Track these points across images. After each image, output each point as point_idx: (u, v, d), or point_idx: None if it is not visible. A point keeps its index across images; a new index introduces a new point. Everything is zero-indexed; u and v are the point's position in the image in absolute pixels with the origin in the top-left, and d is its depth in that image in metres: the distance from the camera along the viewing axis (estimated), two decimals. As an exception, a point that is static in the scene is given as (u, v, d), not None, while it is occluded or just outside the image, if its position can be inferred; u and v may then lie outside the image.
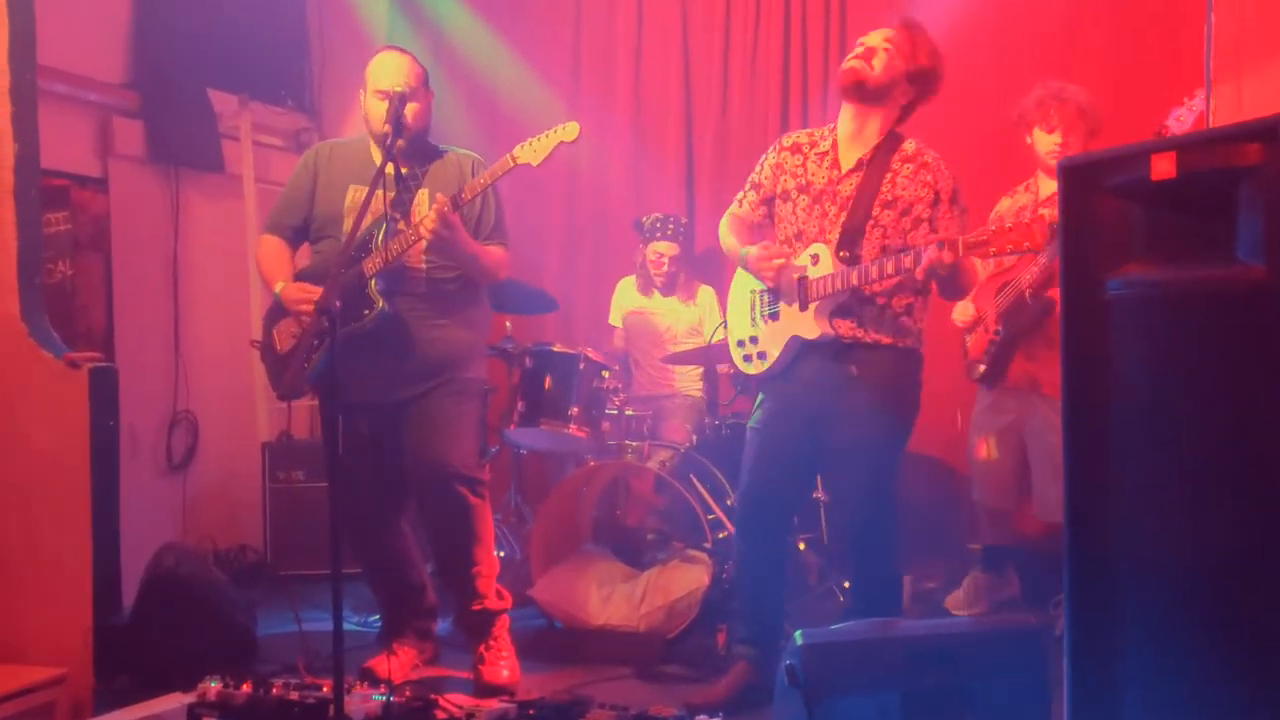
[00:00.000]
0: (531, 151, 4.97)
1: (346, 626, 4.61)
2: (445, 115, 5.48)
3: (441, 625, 5.83)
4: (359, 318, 5.05)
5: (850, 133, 4.91)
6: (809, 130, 5.17)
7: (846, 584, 6.20)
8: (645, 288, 7.57)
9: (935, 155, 4.85)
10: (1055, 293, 5.77)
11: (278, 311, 5.38)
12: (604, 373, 6.51)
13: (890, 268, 4.56)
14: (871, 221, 4.77)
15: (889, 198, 4.78)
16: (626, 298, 7.70)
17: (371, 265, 5.06)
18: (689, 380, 7.52)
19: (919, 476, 7.02)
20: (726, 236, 5.23)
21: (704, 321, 7.45)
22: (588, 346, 6.60)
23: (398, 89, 5.02)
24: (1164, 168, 2.71)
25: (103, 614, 4.83)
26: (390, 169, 4.74)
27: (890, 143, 4.87)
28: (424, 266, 5.21)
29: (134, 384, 6.17)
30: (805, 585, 6.64)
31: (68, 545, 4.72)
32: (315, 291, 5.05)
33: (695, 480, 6.35)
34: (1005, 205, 6.14)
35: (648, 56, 8.22)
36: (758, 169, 5.20)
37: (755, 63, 7.94)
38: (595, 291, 8.13)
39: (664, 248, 7.40)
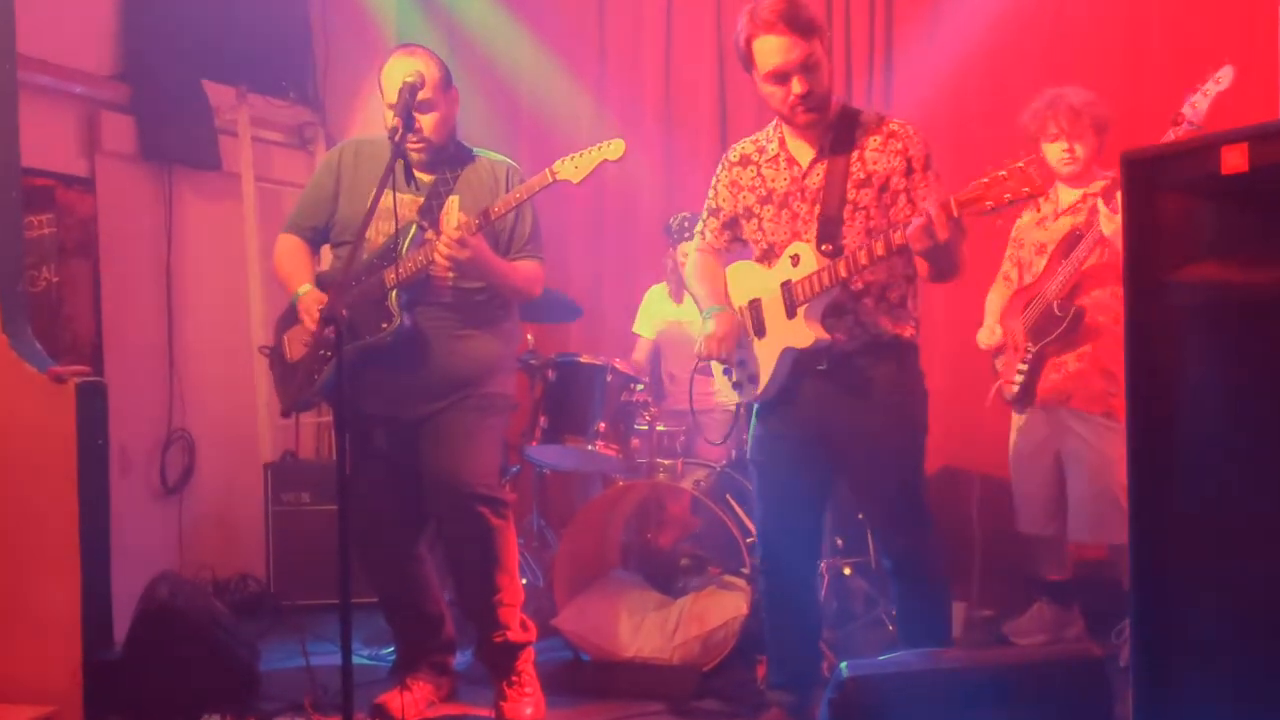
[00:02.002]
0: (573, 168, 4.99)
1: (356, 660, 4.62)
2: (460, 110, 5.49)
3: (460, 658, 5.86)
4: (376, 331, 5.09)
5: (797, 129, 4.86)
6: (752, 138, 5.12)
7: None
8: (677, 295, 7.57)
9: (902, 122, 4.79)
10: (1082, 301, 5.87)
11: (293, 316, 5.41)
12: (634, 385, 6.52)
13: (880, 248, 4.48)
14: (850, 206, 4.72)
15: (861, 176, 4.73)
16: (658, 307, 7.70)
17: (393, 275, 5.08)
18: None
19: (970, 497, 7.03)
20: (695, 282, 5.21)
21: None
22: (615, 357, 6.61)
23: (408, 79, 5.02)
24: (1235, 161, 2.70)
25: (92, 649, 4.87)
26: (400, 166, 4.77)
27: (847, 118, 4.83)
28: (450, 276, 5.22)
29: (125, 400, 6.19)
30: (851, 612, 6.64)
31: (54, 575, 4.75)
32: (314, 308, 5.11)
33: (732, 501, 6.35)
34: (1026, 219, 6.27)
35: (678, 45, 8.22)
36: (711, 192, 5.17)
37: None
38: (623, 298, 8.11)
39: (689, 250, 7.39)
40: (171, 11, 7.29)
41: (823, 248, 4.71)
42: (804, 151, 4.86)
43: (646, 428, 6.55)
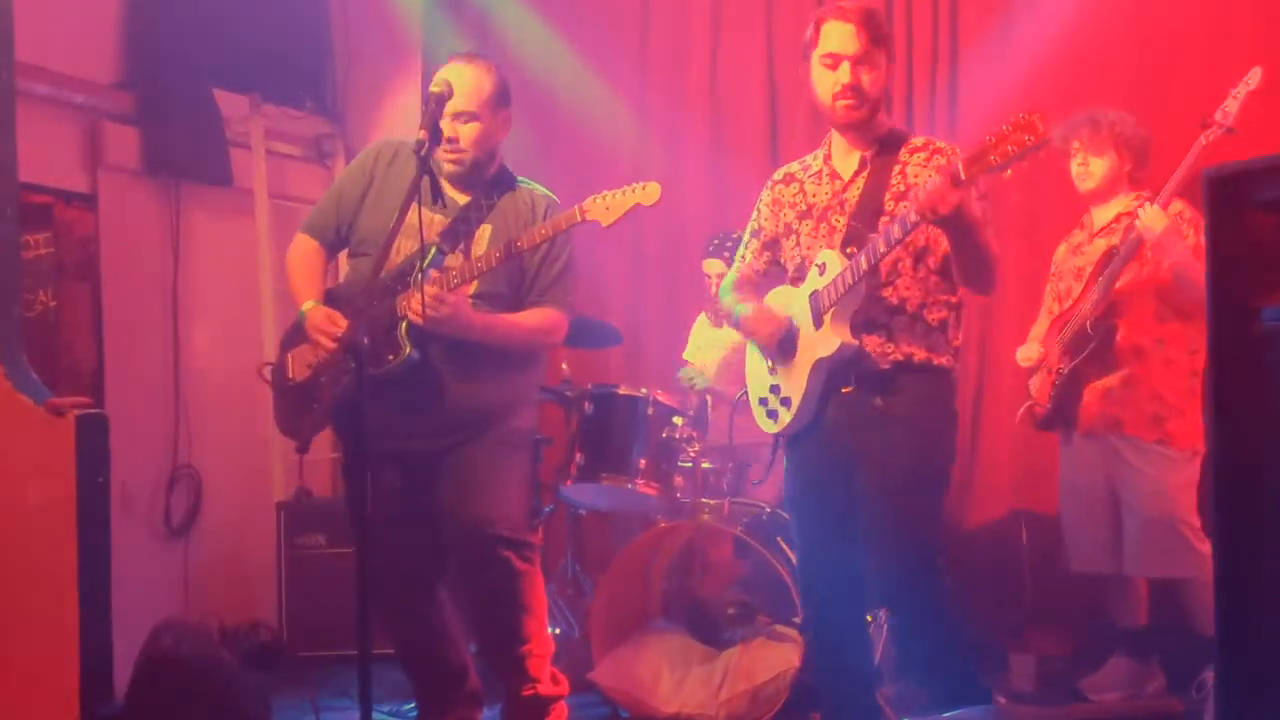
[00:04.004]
0: (603, 209, 5.00)
1: (375, 716, 4.63)
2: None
3: (488, 715, 5.85)
4: (381, 363, 5.06)
5: (844, 146, 5.02)
6: (800, 160, 5.27)
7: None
8: (716, 318, 7.59)
9: (949, 144, 4.92)
10: (1120, 321, 5.95)
11: (298, 334, 5.40)
12: (676, 419, 6.52)
13: (897, 231, 4.54)
14: (885, 217, 4.79)
15: (901, 188, 4.83)
16: (702, 335, 7.73)
17: (406, 304, 5.06)
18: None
19: (1031, 538, 7.01)
20: (726, 297, 5.34)
21: None
22: (658, 389, 6.61)
23: (435, 89, 5.02)
24: (1331, 176, 2.70)
25: (91, 702, 4.87)
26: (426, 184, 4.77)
27: (894, 138, 4.97)
28: (469, 305, 5.21)
29: (127, 433, 6.17)
30: (908, 665, 6.61)
31: (50, 622, 4.76)
32: (340, 323, 5.10)
33: (783, 544, 6.31)
34: (1062, 251, 6.46)
35: (725, 53, 8.23)
36: (754, 214, 5.32)
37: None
38: (666, 324, 8.12)
39: (711, 266, 7.43)
40: (179, 15, 7.30)
41: (847, 250, 4.78)
42: (847, 165, 4.99)
43: (690, 465, 6.57)
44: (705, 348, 7.68)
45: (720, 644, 6.52)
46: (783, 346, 5.02)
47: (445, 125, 5.17)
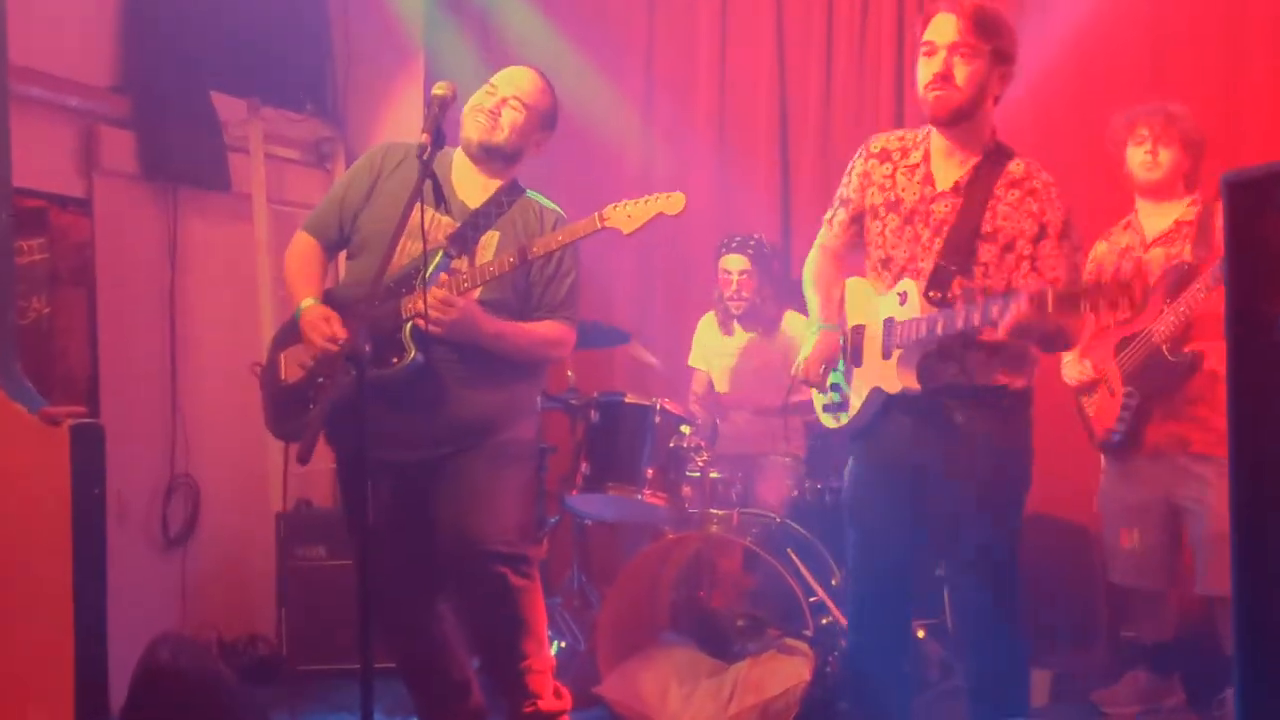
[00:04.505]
0: (625, 217, 5.01)
1: (376, 732, 4.63)
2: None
3: (490, 731, 5.85)
4: (386, 364, 5.06)
5: (945, 148, 4.95)
6: (900, 134, 5.21)
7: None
8: (726, 324, 7.60)
9: (1047, 179, 4.84)
10: (1199, 346, 5.86)
11: (293, 332, 5.38)
12: (684, 427, 6.51)
13: (976, 319, 4.55)
14: (973, 260, 4.80)
15: (989, 229, 4.80)
16: (707, 338, 7.74)
17: (412, 306, 5.06)
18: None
19: (1054, 547, 6.99)
20: (810, 288, 5.30)
21: (786, 359, 7.44)
22: (664, 396, 6.60)
23: (438, 92, 5.02)
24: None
25: (86, 717, 4.86)
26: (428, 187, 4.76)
27: (995, 161, 4.89)
28: (479, 309, 5.20)
29: (123, 443, 6.14)
30: (925, 680, 6.60)
31: (44, 636, 4.75)
32: (336, 324, 5.10)
33: (794, 555, 6.33)
34: (1102, 249, 6.33)
35: (734, 52, 8.24)
36: (845, 180, 5.26)
37: (863, 58, 7.96)
38: (672, 330, 8.14)
39: (733, 262, 7.46)
40: (176, 17, 7.28)
41: (929, 294, 4.77)
42: (943, 173, 4.93)
43: (699, 474, 6.56)
44: (712, 354, 7.67)
45: (729, 657, 6.49)
46: (852, 349, 5.06)
47: (487, 101, 5.26)
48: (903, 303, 4.81)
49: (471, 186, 5.39)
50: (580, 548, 7.53)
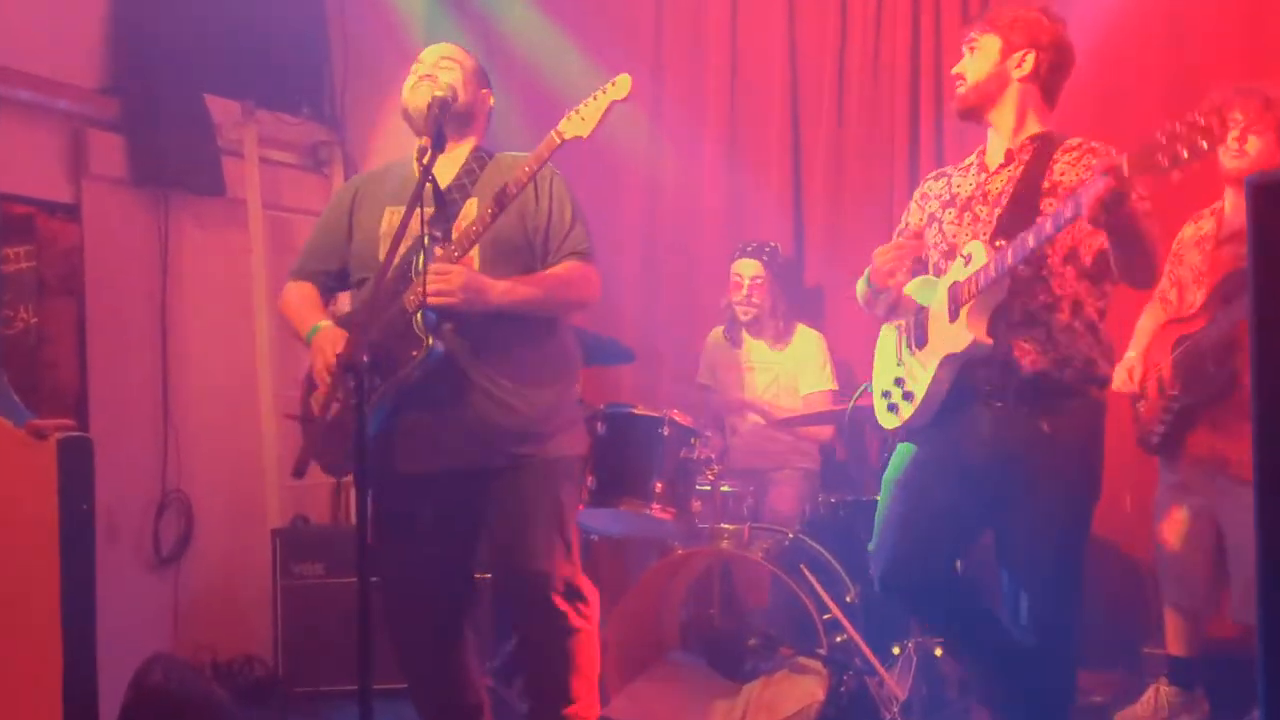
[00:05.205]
0: (579, 121, 4.99)
1: (376, 756, 4.60)
2: (498, 125, 5.49)
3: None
4: (405, 360, 4.96)
5: (1001, 129, 5.02)
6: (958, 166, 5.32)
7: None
8: (734, 335, 7.59)
9: (1105, 145, 4.82)
10: (1244, 358, 5.74)
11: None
12: (694, 440, 6.48)
13: (1049, 227, 4.48)
14: (1038, 215, 4.73)
15: (1049, 184, 4.81)
16: (716, 352, 7.77)
17: (413, 298, 4.97)
18: (803, 447, 7.49)
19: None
20: (861, 286, 5.34)
21: (797, 373, 7.42)
22: (674, 408, 6.57)
23: (438, 94, 5.02)
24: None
25: (75, 742, 4.84)
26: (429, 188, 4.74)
27: (1049, 139, 4.94)
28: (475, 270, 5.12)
29: (113, 457, 6.15)
30: (942, 699, 6.56)
31: (31, 657, 4.73)
32: (327, 349, 5.07)
33: (807, 571, 6.29)
34: (1188, 232, 6.21)
35: (745, 54, 8.21)
36: (906, 211, 5.41)
37: (878, 58, 7.92)
38: (681, 341, 8.12)
39: (745, 267, 7.48)
40: (168, 17, 7.28)
41: (996, 244, 4.75)
42: (996, 156, 5.01)
43: (709, 488, 6.53)
44: (720, 368, 7.66)
45: (741, 677, 6.49)
46: (916, 331, 5.03)
47: (420, 69, 5.31)
48: (968, 264, 4.79)
49: (438, 166, 5.18)
50: (587, 564, 7.45)
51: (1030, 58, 4.88)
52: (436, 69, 5.28)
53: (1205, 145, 4.02)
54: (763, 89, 8.17)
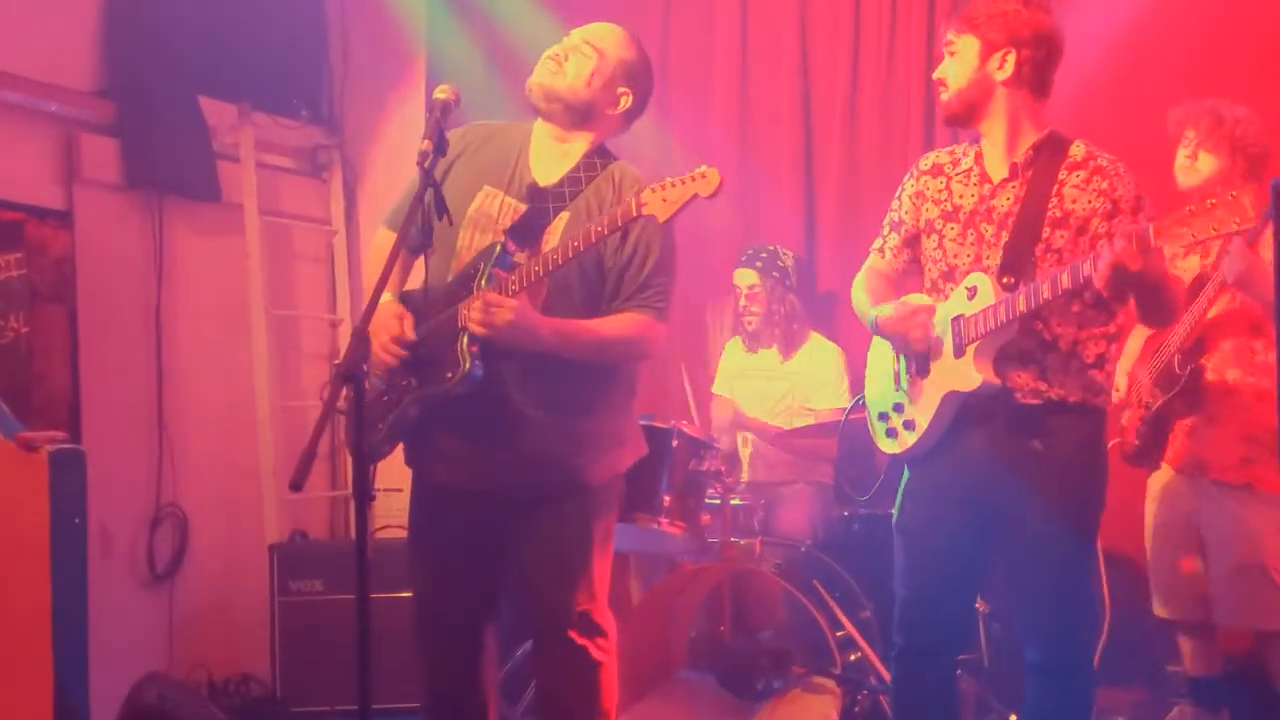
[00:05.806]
0: (660, 202, 4.53)
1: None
2: (499, 117, 5.41)
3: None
4: (439, 381, 4.75)
5: (995, 141, 4.92)
6: (949, 149, 5.22)
7: (1014, 717, 6.14)
8: (750, 342, 7.58)
9: (1111, 158, 4.80)
10: (1206, 359, 5.86)
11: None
12: (702, 452, 6.45)
13: (1066, 280, 4.46)
14: (1042, 245, 4.72)
15: (1059, 214, 4.74)
16: (733, 361, 7.75)
17: (469, 313, 4.67)
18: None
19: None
20: (859, 295, 5.21)
21: (810, 385, 7.39)
22: (682, 420, 6.55)
23: (440, 95, 4.85)
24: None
25: (67, 764, 4.82)
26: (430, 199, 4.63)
27: (1053, 146, 4.85)
28: (532, 309, 4.81)
29: (106, 470, 6.13)
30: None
31: (22, 676, 4.71)
32: (409, 326, 4.82)
33: (820, 587, 6.29)
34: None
35: (755, 57, 8.21)
36: (895, 203, 5.22)
37: (893, 63, 7.93)
38: (689, 350, 8.08)
39: (741, 277, 7.48)
40: (162, 17, 7.26)
41: (1004, 280, 4.70)
42: (998, 168, 4.90)
43: (719, 501, 6.50)
44: (738, 377, 7.63)
45: (752, 696, 6.48)
46: (917, 361, 4.96)
47: (557, 47, 5.04)
48: (972, 297, 4.73)
49: (546, 158, 5.03)
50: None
51: (1011, 58, 4.78)
52: (571, 51, 5.02)
53: (1237, 224, 4.05)
54: (774, 97, 8.17)
